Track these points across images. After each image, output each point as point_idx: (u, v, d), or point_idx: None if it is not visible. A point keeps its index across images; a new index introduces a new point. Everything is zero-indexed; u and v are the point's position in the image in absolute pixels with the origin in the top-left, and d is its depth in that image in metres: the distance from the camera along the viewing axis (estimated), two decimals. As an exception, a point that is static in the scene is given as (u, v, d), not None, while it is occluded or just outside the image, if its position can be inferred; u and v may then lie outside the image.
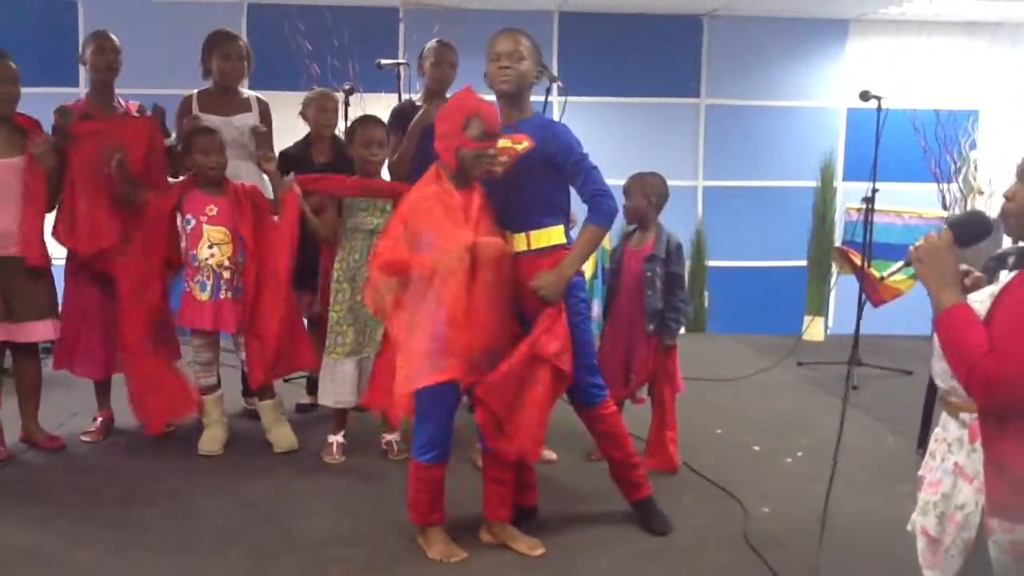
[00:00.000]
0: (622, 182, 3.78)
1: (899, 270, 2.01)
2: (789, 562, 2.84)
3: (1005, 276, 1.81)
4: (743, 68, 7.16)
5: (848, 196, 6.78)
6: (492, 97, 3.07)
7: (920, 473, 2.03)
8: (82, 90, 5.95)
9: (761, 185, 7.27)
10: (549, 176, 3.02)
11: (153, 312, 3.83)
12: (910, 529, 1.98)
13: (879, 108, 5.14)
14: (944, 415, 1.92)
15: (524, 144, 3.00)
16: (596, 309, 6.97)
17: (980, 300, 1.79)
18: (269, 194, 4.00)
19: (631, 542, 3.06)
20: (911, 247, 1.86)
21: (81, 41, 4.17)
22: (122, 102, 4.13)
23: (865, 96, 5.17)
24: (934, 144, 6.71)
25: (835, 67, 7.20)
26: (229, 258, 3.82)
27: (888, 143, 5.59)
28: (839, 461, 2.81)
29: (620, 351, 3.76)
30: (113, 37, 4.05)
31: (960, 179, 6.68)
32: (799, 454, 3.93)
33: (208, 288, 3.81)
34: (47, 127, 3.86)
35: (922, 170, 6.70)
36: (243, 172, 4.06)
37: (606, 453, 3.20)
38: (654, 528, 3.14)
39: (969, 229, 1.86)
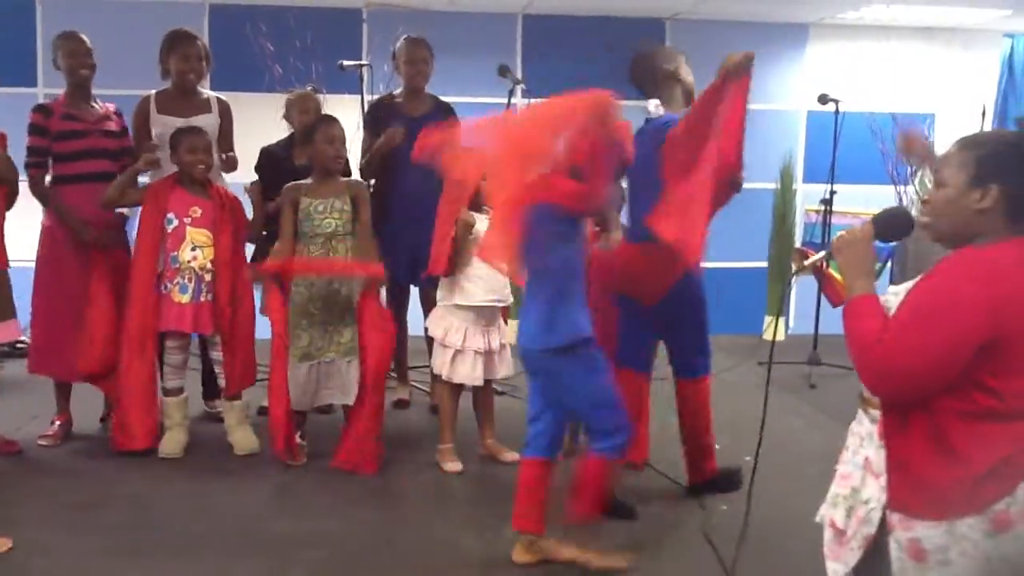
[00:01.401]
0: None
1: (820, 258, 2.07)
2: (743, 558, 2.89)
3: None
4: (706, 71, 7.11)
5: (808, 198, 6.84)
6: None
7: (836, 466, 2.05)
8: (41, 90, 5.90)
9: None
10: None
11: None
12: (818, 520, 2.02)
13: (837, 111, 5.21)
14: (860, 410, 1.97)
15: None
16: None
17: (896, 293, 1.84)
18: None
19: (594, 538, 3.08)
20: (834, 238, 1.93)
21: (40, 43, 4.10)
22: (99, 103, 4.09)
23: (823, 99, 5.25)
24: (892, 147, 6.81)
25: (795, 71, 7.28)
26: (212, 261, 3.80)
27: (847, 146, 5.68)
28: (796, 456, 2.86)
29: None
30: (83, 38, 4.03)
31: (916, 181, 6.78)
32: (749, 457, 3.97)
33: (189, 291, 3.79)
34: (6, 126, 3.83)
35: (880, 172, 6.79)
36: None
37: (690, 424, 3.48)
38: (731, 486, 3.47)
39: (890, 224, 1.92)
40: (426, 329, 3.94)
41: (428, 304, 4.20)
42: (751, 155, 7.45)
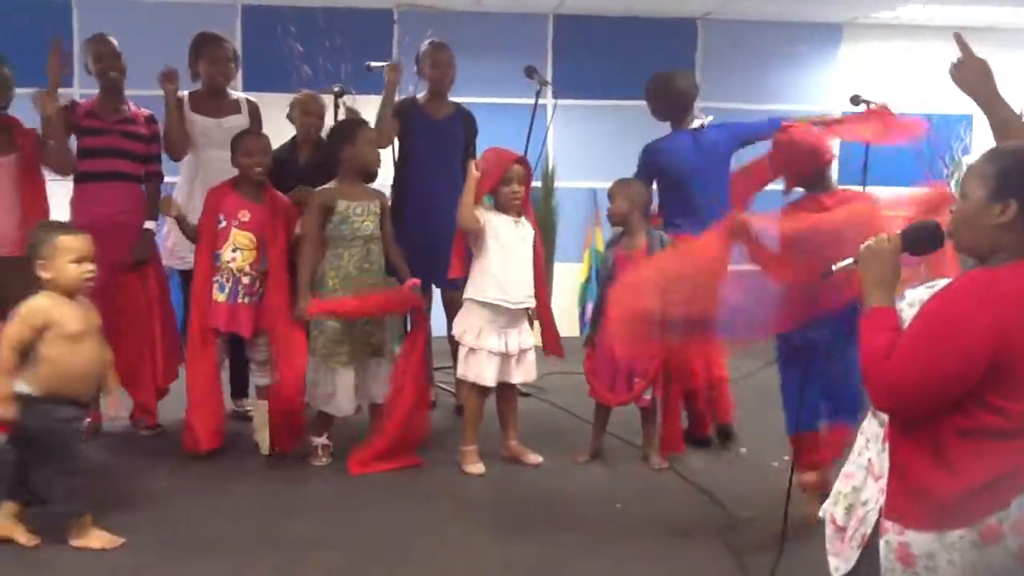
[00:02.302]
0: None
1: (846, 266, 2.03)
2: (764, 566, 2.85)
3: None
4: (737, 71, 7.15)
5: (841, 200, 6.77)
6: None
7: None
8: (77, 91, 5.97)
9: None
10: None
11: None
12: (821, 515, 2.00)
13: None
14: (871, 411, 1.94)
15: None
16: (590, 311, 7.00)
17: (911, 304, 1.82)
18: None
19: (613, 544, 3.07)
20: (862, 246, 1.90)
21: (76, 44, 4.17)
22: (131, 106, 4.14)
23: (855, 100, 5.16)
24: (926, 148, 6.71)
25: (829, 71, 7.20)
26: (251, 264, 3.82)
27: (881, 148, 5.60)
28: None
29: (615, 357, 3.76)
30: (112, 40, 4.08)
31: (952, 183, 6.68)
32: (786, 458, 3.93)
33: (226, 290, 3.82)
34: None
35: (915, 174, 6.70)
36: (228, 174, 4.05)
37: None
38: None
39: (919, 238, 1.89)
40: (449, 330, 3.95)
41: (449, 305, 4.21)
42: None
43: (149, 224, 4.10)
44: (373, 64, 4.64)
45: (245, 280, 3.83)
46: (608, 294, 3.77)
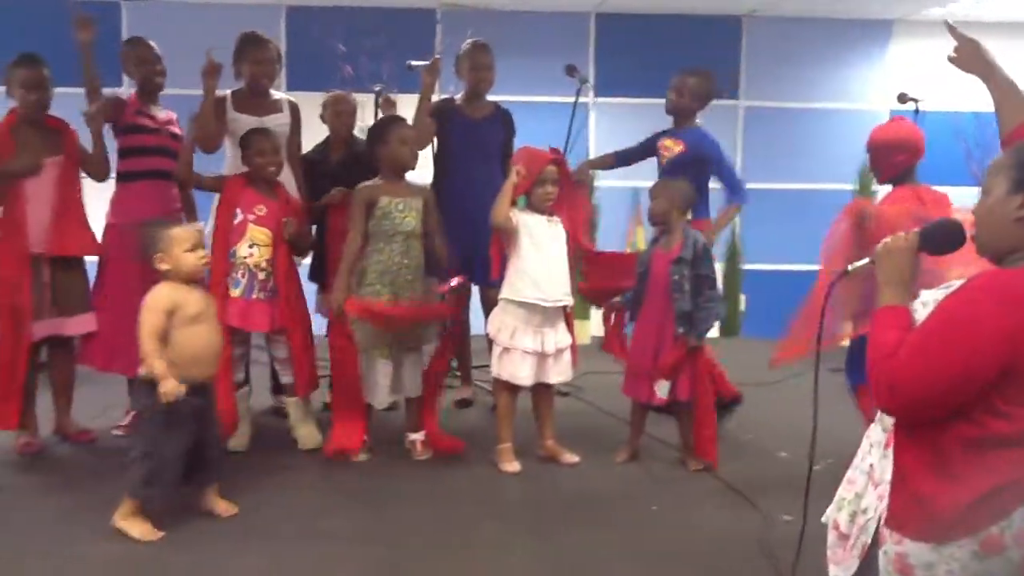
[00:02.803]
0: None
1: (863, 265, 1.98)
2: (803, 571, 2.80)
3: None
4: (783, 70, 7.08)
5: (889, 200, 6.66)
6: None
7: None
8: (125, 91, 6.08)
9: (799, 188, 7.18)
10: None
11: None
12: (823, 521, 1.95)
13: (916, 111, 5.04)
14: (877, 415, 1.89)
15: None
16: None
17: (924, 303, 1.76)
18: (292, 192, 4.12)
19: (648, 545, 3.05)
20: (879, 244, 1.86)
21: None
22: (163, 110, 4.20)
23: (903, 98, 5.08)
24: (975, 147, 6.57)
25: (877, 69, 7.09)
26: (267, 260, 3.85)
27: (930, 146, 5.47)
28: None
29: (649, 355, 3.74)
30: (152, 44, 4.13)
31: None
32: (830, 461, 3.87)
33: (241, 286, 3.84)
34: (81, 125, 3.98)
35: (963, 174, 6.55)
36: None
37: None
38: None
39: (938, 237, 1.83)
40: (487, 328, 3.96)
41: (488, 304, 4.22)
42: (827, 154, 7.32)
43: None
44: (414, 63, 4.65)
45: (261, 276, 3.85)
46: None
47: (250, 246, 3.83)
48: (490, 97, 4.50)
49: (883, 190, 6.79)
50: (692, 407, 3.76)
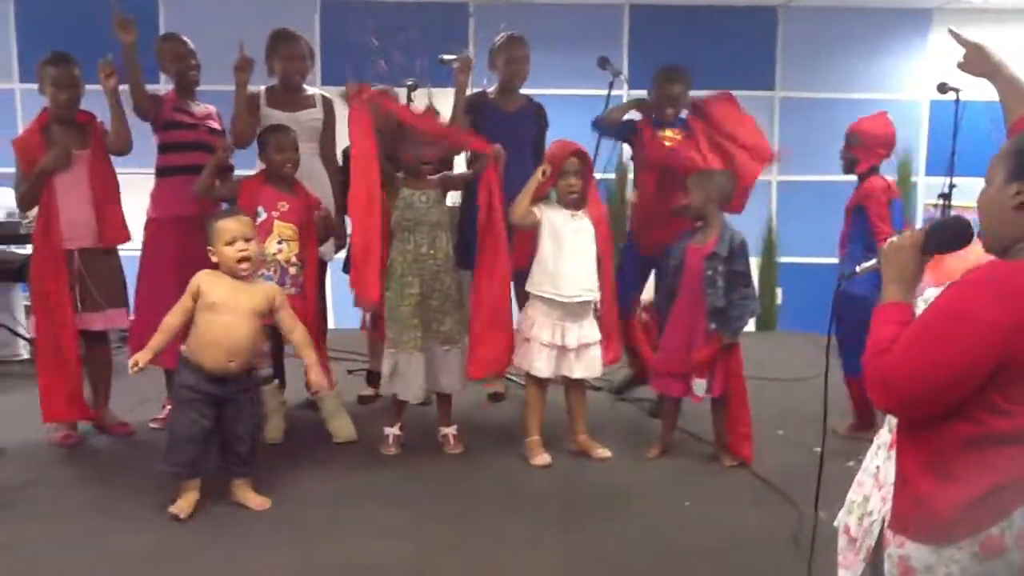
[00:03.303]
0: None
1: (870, 266, 1.95)
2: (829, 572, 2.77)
3: None
4: (820, 60, 6.98)
5: (930, 191, 6.56)
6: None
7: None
8: (163, 87, 6.15)
9: (836, 180, 7.05)
10: None
11: None
12: (835, 525, 1.92)
13: (957, 100, 4.95)
14: (887, 417, 1.86)
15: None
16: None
17: (927, 300, 1.73)
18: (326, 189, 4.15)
19: (678, 541, 3.03)
20: (885, 244, 1.83)
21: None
22: (201, 105, 4.24)
23: (943, 88, 5.00)
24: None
25: (917, 58, 6.97)
26: (296, 255, 3.88)
27: (970, 137, 5.38)
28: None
29: (681, 350, 3.72)
30: (186, 39, 4.17)
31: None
32: (860, 458, 3.82)
33: (273, 282, 3.87)
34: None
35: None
36: (306, 167, 4.12)
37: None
38: None
39: (942, 235, 1.79)
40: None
41: (521, 297, 4.20)
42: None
43: None
44: (446, 57, 4.64)
45: (292, 270, 3.87)
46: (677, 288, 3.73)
47: (279, 242, 3.85)
48: (523, 90, 4.48)
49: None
50: (726, 403, 3.73)
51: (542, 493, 3.48)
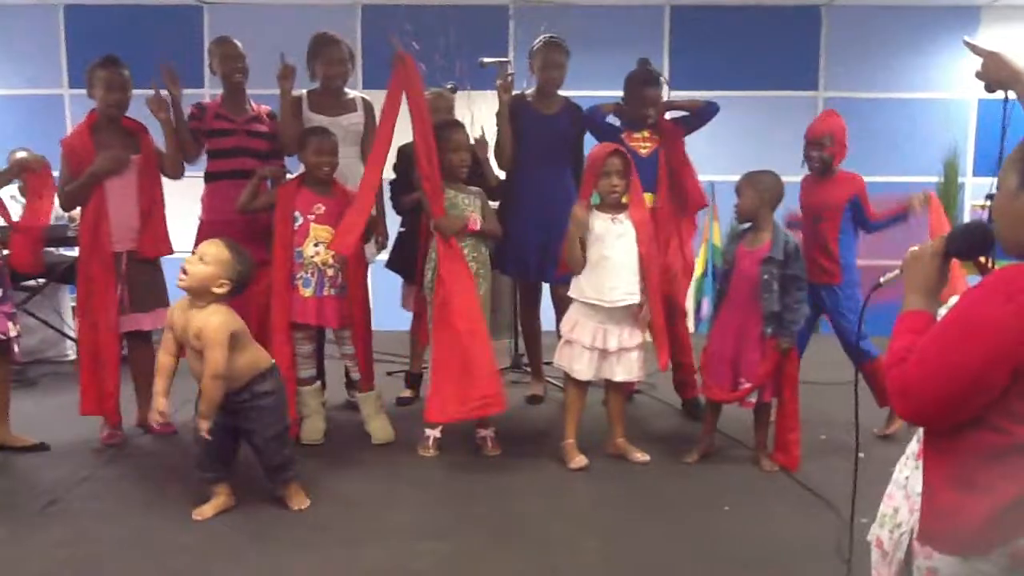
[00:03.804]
0: (739, 178, 3.71)
1: (893, 277, 1.91)
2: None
3: None
4: (864, 59, 6.88)
5: (977, 192, 6.45)
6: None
7: None
8: (207, 91, 6.23)
9: (882, 180, 6.96)
10: None
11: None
12: (868, 539, 1.88)
13: (1006, 99, 4.85)
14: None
15: None
16: (706, 307, 6.87)
17: (949, 307, 1.69)
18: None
19: (719, 548, 3.00)
20: (907, 253, 1.81)
21: (207, 47, 4.35)
22: (253, 105, 4.30)
23: (991, 87, 4.90)
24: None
25: (965, 56, 6.83)
26: (334, 256, 3.90)
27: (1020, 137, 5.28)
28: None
29: (728, 353, 3.68)
30: (236, 43, 4.22)
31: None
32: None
33: (312, 285, 3.90)
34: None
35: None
36: (348, 171, 4.16)
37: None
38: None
39: (964, 240, 1.76)
40: (557, 325, 3.95)
41: (558, 301, 4.20)
42: (911, 146, 7.09)
43: None
44: (486, 60, 4.66)
45: (330, 272, 3.90)
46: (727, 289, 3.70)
47: (315, 245, 3.88)
48: (564, 92, 4.47)
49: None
50: (773, 407, 3.70)
51: (581, 497, 3.47)
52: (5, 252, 3.89)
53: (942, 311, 1.71)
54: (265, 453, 3.21)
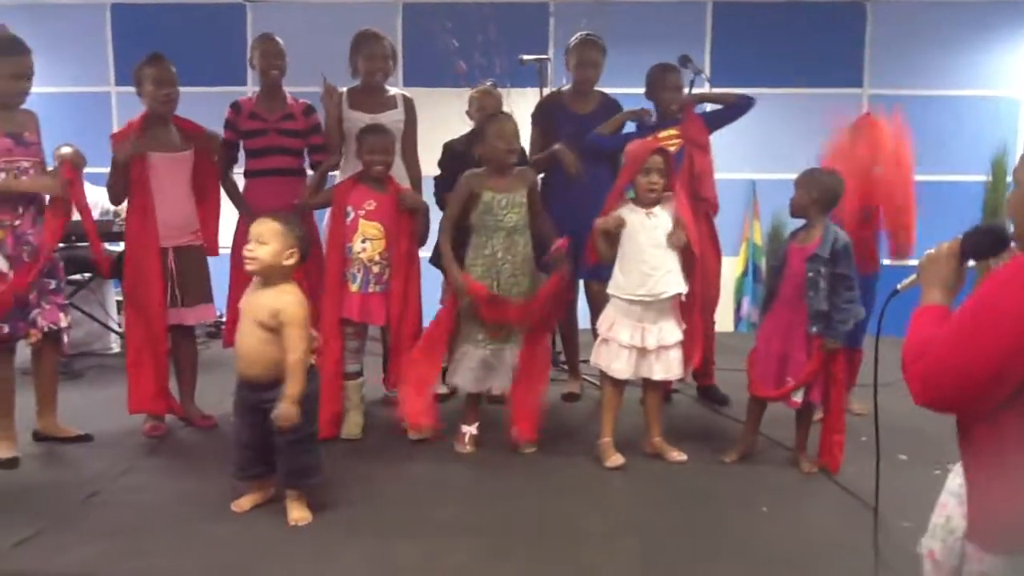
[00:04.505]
0: (781, 176, 3.67)
1: (911, 282, 1.89)
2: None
3: None
4: (910, 56, 6.77)
5: (1026, 191, 6.31)
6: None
7: None
8: (250, 89, 6.30)
9: (929, 180, 6.85)
10: None
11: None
12: (919, 551, 1.85)
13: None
14: None
15: None
16: (746, 307, 6.81)
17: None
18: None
19: (755, 548, 2.97)
20: (923, 256, 1.80)
21: (250, 45, 4.41)
22: (290, 99, 4.35)
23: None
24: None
25: (1014, 53, 6.70)
26: (380, 253, 3.92)
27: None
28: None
29: (775, 351, 3.64)
30: (277, 40, 4.27)
31: None
32: (949, 466, 3.69)
33: (358, 280, 3.94)
34: (216, 124, 4.19)
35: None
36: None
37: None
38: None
39: (978, 240, 1.74)
40: (593, 322, 3.94)
41: (592, 297, 4.19)
42: (959, 144, 6.97)
43: None
44: (526, 57, 4.66)
45: (375, 269, 3.92)
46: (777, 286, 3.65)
47: (363, 241, 3.91)
48: (604, 89, 4.45)
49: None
50: (818, 408, 3.65)
51: (618, 495, 3.46)
52: (61, 246, 3.97)
53: None
54: (285, 455, 3.11)
